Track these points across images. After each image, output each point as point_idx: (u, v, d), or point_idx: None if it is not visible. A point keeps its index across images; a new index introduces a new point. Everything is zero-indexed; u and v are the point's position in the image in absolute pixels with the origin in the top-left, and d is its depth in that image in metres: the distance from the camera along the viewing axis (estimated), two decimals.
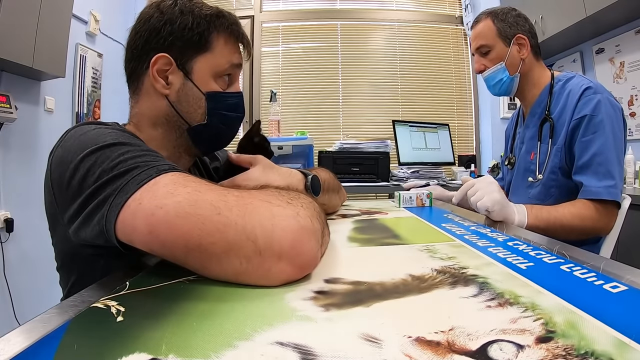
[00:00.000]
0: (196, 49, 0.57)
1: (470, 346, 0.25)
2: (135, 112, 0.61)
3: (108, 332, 0.28)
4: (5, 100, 1.63)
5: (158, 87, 0.57)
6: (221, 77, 0.60)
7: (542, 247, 0.52)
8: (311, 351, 0.25)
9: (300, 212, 0.40)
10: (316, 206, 0.45)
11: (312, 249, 0.39)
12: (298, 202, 0.42)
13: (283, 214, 0.39)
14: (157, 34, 0.56)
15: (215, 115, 0.60)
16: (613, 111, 0.89)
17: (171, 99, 0.58)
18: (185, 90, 0.58)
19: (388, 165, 2.15)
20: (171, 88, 0.57)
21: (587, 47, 2.35)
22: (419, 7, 2.94)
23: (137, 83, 0.60)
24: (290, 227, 0.38)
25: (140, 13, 0.61)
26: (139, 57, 0.58)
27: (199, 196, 0.39)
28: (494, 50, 1.02)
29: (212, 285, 0.39)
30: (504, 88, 1.04)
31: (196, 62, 0.58)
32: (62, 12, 1.84)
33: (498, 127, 2.74)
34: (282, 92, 2.80)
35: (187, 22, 0.56)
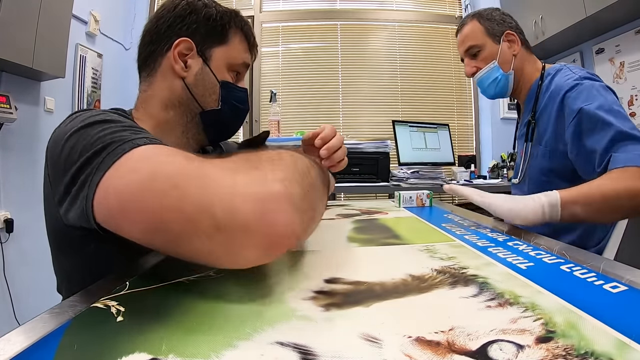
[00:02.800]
0: (216, 39, 0.62)
1: (470, 346, 0.25)
2: (148, 94, 0.62)
3: (108, 332, 0.28)
4: (5, 101, 1.63)
5: (177, 69, 0.60)
6: (232, 72, 0.65)
7: (542, 247, 0.52)
8: (311, 351, 0.25)
9: (269, 176, 0.33)
10: (303, 165, 0.39)
11: (285, 220, 0.32)
12: (271, 164, 0.35)
13: (246, 180, 0.32)
14: (182, 20, 0.60)
15: (227, 103, 0.63)
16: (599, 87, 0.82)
17: (188, 81, 0.60)
18: (202, 75, 0.61)
19: (388, 165, 2.15)
20: (189, 71, 0.60)
21: (587, 47, 2.35)
22: (419, 7, 2.94)
23: (153, 65, 0.61)
24: (254, 195, 0.31)
25: (164, 3, 0.64)
26: (159, 40, 0.60)
27: (161, 168, 0.35)
28: (485, 50, 1.00)
29: (212, 285, 0.39)
30: (500, 87, 1.01)
31: (215, 52, 0.62)
32: (62, 12, 1.84)
33: (498, 127, 2.74)
34: (282, 92, 2.80)
35: (212, 14, 0.61)
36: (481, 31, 1.00)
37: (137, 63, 0.65)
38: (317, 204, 0.40)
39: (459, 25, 1.06)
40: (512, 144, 1.16)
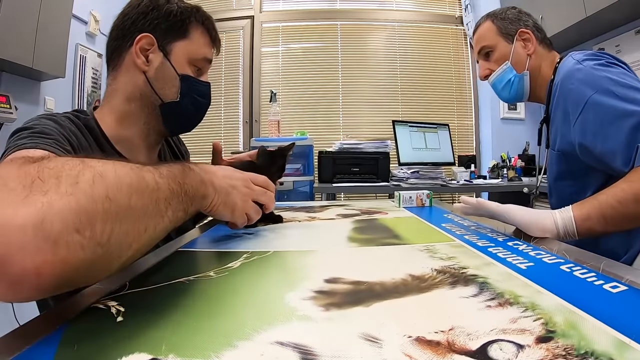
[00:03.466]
0: (177, 34, 0.65)
1: (470, 346, 0.25)
2: (113, 88, 0.65)
3: (108, 332, 0.28)
4: (5, 101, 1.63)
5: (139, 63, 0.62)
6: (193, 66, 0.67)
7: (542, 247, 0.52)
8: (311, 351, 0.25)
9: (31, 197, 0.26)
10: (116, 180, 0.31)
11: (23, 257, 0.25)
12: (54, 180, 0.28)
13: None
14: (144, 16, 0.63)
15: (187, 96, 0.66)
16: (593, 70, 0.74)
17: (149, 75, 0.63)
18: (162, 69, 0.64)
19: (388, 165, 2.15)
20: (150, 65, 0.63)
21: (587, 47, 2.35)
22: (419, 7, 2.94)
23: (117, 60, 0.65)
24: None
25: (131, 1, 0.67)
26: (123, 36, 0.64)
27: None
28: (497, 50, 0.94)
29: (212, 285, 0.39)
30: (515, 90, 0.94)
31: (175, 46, 0.65)
32: (62, 12, 1.84)
33: (498, 127, 2.74)
34: (282, 92, 2.80)
35: (172, 10, 0.64)
36: (493, 31, 0.95)
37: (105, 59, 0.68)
38: (129, 224, 0.32)
39: (475, 26, 1.02)
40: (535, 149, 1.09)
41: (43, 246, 0.26)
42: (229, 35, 2.90)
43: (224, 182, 0.52)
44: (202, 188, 0.47)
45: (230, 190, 0.53)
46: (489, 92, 2.74)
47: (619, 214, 0.61)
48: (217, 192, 0.50)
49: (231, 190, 0.53)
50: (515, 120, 2.77)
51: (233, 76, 2.87)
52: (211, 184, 0.49)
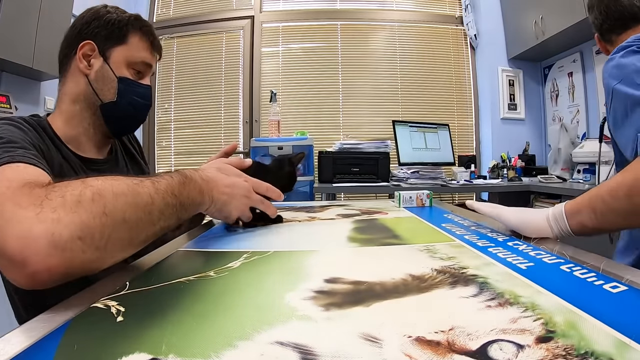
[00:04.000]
0: (115, 40, 0.70)
1: (470, 346, 0.25)
2: (61, 92, 0.71)
3: (108, 332, 0.28)
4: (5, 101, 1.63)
5: (81, 67, 0.69)
6: (133, 70, 0.73)
7: (542, 247, 0.52)
8: (311, 351, 0.25)
9: (42, 214, 0.36)
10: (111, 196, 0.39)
11: (37, 259, 0.35)
12: (59, 198, 0.37)
13: (19, 217, 0.36)
14: (87, 25, 0.70)
15: (125, 97, 0.71)
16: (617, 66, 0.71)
17: (90, 78, 0.69)
18: (102, 72, 0.69)
19: (388, 165, 2.15)
20: (92, 69, 0.69)
21: (587, 47, 2.35)
22: (419, 7, 2.94)
23: (66, 66, 0.71)
24: (17, 234, 0.35)
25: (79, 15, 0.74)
26: (70, 45, 0.70)
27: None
28: None
29: (212, 285, 0.39)
30: None
31: (114, 51, 0.70)
32: (62, 12, 1.84)
33: (498, 127, 2.74)
34: (282, 92, 2.80)
35: (112, 18, 0.70)
36: None
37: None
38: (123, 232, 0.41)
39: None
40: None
41: (53, 252, 0.35)
42: (229, 35, 2.90)
43: (224, 192, 0.58)
44: (198, 198, 0.53)
45: (229, 201, 0.60)
46: (489, 92, 2.75)
47: (608, 209, 0.56)
48: (214, 202, 0.58)
49: (229, 201, 0.60)
50: (515, 120, 2.77)
51: (233, 76, 2.87)
52: (209, 194, 0.56)
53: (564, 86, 2.58)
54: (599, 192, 0.58)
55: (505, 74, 2.75)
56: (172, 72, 2.91)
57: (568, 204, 0.59)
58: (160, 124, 2.91)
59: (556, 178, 2.20)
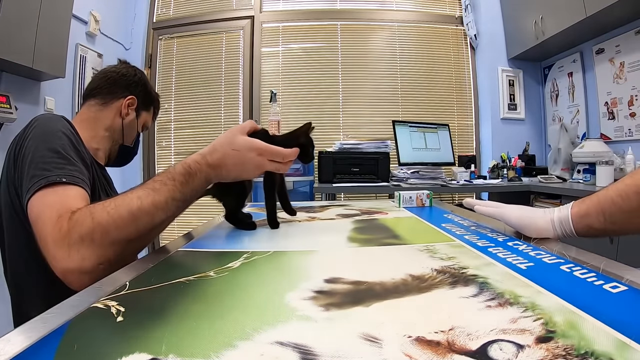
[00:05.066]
0: (146, 107, 0.95)
1: (470, 346, 0.25)
2: (96, 116, 0.87)
3: (108, 332, 0.28)
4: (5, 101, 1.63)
5: (123, 112, 0.89)
6: (142, 128, 0.96)
7: (542, 247, 0.52)
8: (311, 351, 0.25)
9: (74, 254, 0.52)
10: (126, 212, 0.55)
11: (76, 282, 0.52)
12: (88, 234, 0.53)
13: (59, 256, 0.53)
14: (136, 86, 0.91)
15: (135, 146, 0.96)
16: None
17: (124, 122, 0.90)
18: (131, 123, 0.92)
19: (388, 165, 2.15)
20: (127, 117, 0.90)
21: (587, 47, 2.35)
22: (419, 7, 2.94)
23: (110, 99, 0.88)
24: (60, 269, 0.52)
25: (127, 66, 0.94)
26: (119, 86, 0.89)
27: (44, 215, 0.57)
28: None
29: (212, 285, 0.39)
30: None
31: (142, 113, 0.94)
32: (62, 12, 1.84)
33: (498, 127, 2.74)
34: (282, 92, 2.79)
35: (150, 91, 0.95)
36: None
37: (87, 90, 0.89)
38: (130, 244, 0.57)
39: None
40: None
41: (83, 277, 0.51)
42: (229, 35, 2.90)
43: (233, 172, 0.63)
44: (205, 184, 0.62)
45: (239, 176, 0.64)
46: (489, 92, 2.75)
47: (619, 210, 0.55)
48: (224, 179, 0.64)
49: (240, 175, 0.64)
50: (515, 120, 2.77)
51: (233, 76, 2.87)
52: (218, 177, 0.63)
53: (564, 86, 2.58)
54: (607, 194, 0.57)
55: (505, 74, 2.75)
56: (172, 72, 2.91)
57: (575, 207, 0.59)
58: (160, 124, 2.90)
59: (556, 178, 2.20)
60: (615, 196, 0.56)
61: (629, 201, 0.54)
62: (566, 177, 2.22)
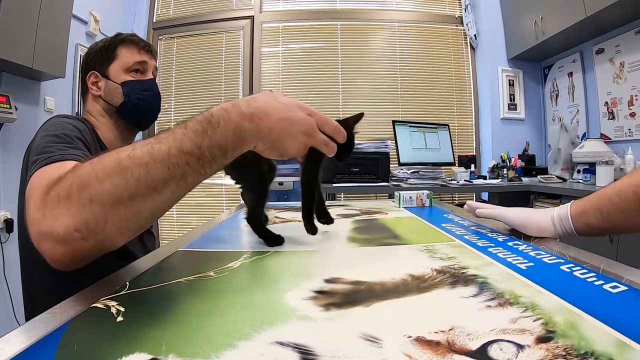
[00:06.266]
0: (108, 60, 0.86)
1: (470, 346, 0.25)
2: (86, 110, 0.88)
3: (108, 332, 0.28)
4: (5, 101, 1.63)
5: (93, 92, 0.86)
6: (132, 72, 0.86)
7: (542, 247, 0.52)
8: (311, 351, 0.25)
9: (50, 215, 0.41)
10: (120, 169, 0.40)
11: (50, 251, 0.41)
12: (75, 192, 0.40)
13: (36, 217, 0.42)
14: (86, 62, 0.87)
15: (131, 94, 0.85)
16: None
17: (103, 96, 0.85)
18: (108, 87, 0.85)
19: (388, 165, 2.15)
20: (101, 90, 0.85)
21: (587, 47, 2.35)
22: (419, 7, 2.94)
23: (85, 95, 0.88)
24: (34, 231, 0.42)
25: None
26: (82, 80, 0.88)
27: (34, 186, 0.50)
28: None
29: (212, 285, 0.39)
30: None
31: (110, 68, 0.86)
32: (62, 12, 1.84)
33: (498, 127, 2.74)
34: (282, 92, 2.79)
35: (98, 47, 0.87)
36: None
37: None
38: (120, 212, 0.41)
39: None
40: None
41: (57, 246, 0.40)
42: (229, 35, 2.90)
43: (277, 126, 0.47)
44: (233, 140, 0.44)
45: (283, 138, 0.48)
46: (489, 92, 2.75)
47: (616, 209, 0.56)
48: (262, 139, 0.47)
49: (284, 138, 0.48)
50: (515, 120, 2.77)
51: (233, 76, 2.87)
52: (255, 131, 0.45)
53: (564, 86, 2.58)
54: (606, 193, 0.57)
55: (505, 74, 2.75)
56: (172, 72, 2.91)
57: (574, 205, 0.59)
58: (161, 124, 2.90)
59: (556, 178, 2.20)
60: (613, 195, 0.57)
61: (626, 200, 0.55)
62: (566, 177, 2.22)
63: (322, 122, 0.51)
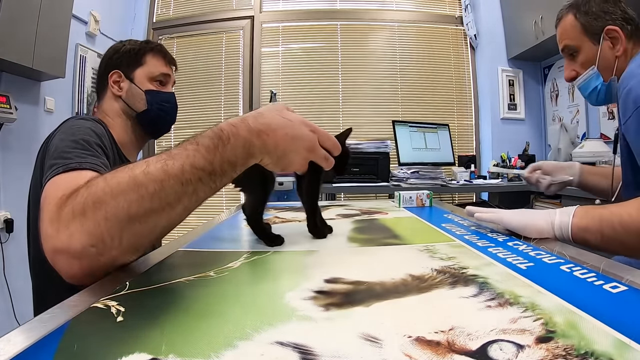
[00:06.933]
0: (135, 64, 0.88)
1: (470, 346, 0.25)
2: (101, 110, 0.88)
3: (108, 332, 0.28)
4: (5, 101, 1.63)
5: (114, 92, 0.87)
6: (155, 81, 0.90)
7: (542, 247, 0.52)
8: (311, 351, 0.25)
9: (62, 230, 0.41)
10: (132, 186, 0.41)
11: (64, 266, 0.42)
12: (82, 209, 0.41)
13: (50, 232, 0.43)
14: (110, 60, 0.88)
15: (153, 104, 0.88)
16: None
17: (123, 97, 0.87)
18: (131, 91, 0.87)
19: (388, 165, 2.15)
20: (123, 91, 0.87)
21: None
22: (419, 7, 2.94)
23: (101, 94, 0.89)
24: (48, 247, 0.42)
25: (104, 54, 0.92)
26: (101, 77, 0.89)
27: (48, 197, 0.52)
28: (582, 52, 0.84)
29: (212, 285, 0.39)
30: (602, 97, 0.86)
31: (137, 72, 0.88)
32: (62, 12, 1.84)
33: (498, 127, 2.74)
34: (282, 92, 2.79)
35: (127, 49, 0.89)
36: (577, 29, 0.83)
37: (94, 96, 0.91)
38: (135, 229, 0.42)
39: (558, 15, 0.90)
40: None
41: (72, 262, 0.41)
42: (229, 35, 2.90)
43: (283, 142, 0.49)
44: (243, 154, 0.46)
45: (288, 153, 0.50)
46: (489, 92, 2.75)
47: (616, 239, 0.57)
48: (269, 154, 0.48)
49: (288, 153, 0.50)
50: (515, 120, 2.77)
51: (233, 76, 2.87)
52: (262, 147, 0.47)
53: (564, 86, 2.58)
54: (611, 219, 0.58)
55: (505, 74, 2.75)
56: None
57: (577, 217, 0.59)
58: None
59: None
60: (618, 225, 0.57)
61: (629, 236, 0.56)
62: None
63: (323, 139, 0.54)
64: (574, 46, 0.85)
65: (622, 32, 0.80)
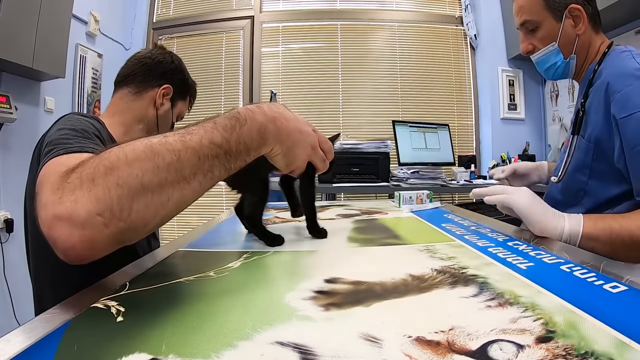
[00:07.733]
0: (182, 96, 0.93)
1: (470, 346, 0.25)
2: (127, 106, 0.85)
3: (108, 332, 0.28)
4: (5, 101, 1.63)
5: (157, 102, 0.86)
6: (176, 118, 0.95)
7: (542, 247, 0.52)
8: (311, 351, 0.25)
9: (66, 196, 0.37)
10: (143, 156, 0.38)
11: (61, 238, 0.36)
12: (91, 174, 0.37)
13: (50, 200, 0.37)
14: (173, 73, 0.88)
15: None
16: None
17: (159, 113, 0.87)
18: (167, 114, 0.89)
19: (388, 165, 2.15)
20: (162, 107, 0.87)
21: None
22: (419, 7, 2.94)
23: (143, 88, 0.85)
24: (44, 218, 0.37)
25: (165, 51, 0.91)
26: (154, 75, 0.86)
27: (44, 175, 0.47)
28: (543, 28, 0.83)
29: (212, 285, 0.39)
30: (559, 73, 0.88)
31: (178, 103, 0.92)
32: (62, 12, 1.84)
33: (498, 127, 2.74)
34: (282, 92, 2.79)
35: (187, 79, 0.93)
36: (539, 4, 0.83)
37: (120, 76, 0.87)
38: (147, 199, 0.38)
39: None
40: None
41: (74, 231, 0.36)
42: (229, 35, 2.90)
43: (294, 134, 0.50)
44: (258, 139, 0.46)
45: (297, 145, 0.51)
46: (489, 92, 2.75)
47: (624, 249, 0.59)
48: (281, 142, 0.49)
49: (297, 146, 0.51)
50: (515, 120, 2.77)
51: (233, 76, 2.87)
52: (276, 133, 0.48)
53: (564, 86, 2.58)
54: (621, 232, 0.60)
55: (505, 74, 2.75)
56: None
57: (587, 227, 0.61)
58: None
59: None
60: (628, 238, 0.59)
61: (637, 251, 0.58)
62: None
63: (321, 140, 0.57)
64: (535, 20, 0.85)
65: (584, 10, 0.81)
